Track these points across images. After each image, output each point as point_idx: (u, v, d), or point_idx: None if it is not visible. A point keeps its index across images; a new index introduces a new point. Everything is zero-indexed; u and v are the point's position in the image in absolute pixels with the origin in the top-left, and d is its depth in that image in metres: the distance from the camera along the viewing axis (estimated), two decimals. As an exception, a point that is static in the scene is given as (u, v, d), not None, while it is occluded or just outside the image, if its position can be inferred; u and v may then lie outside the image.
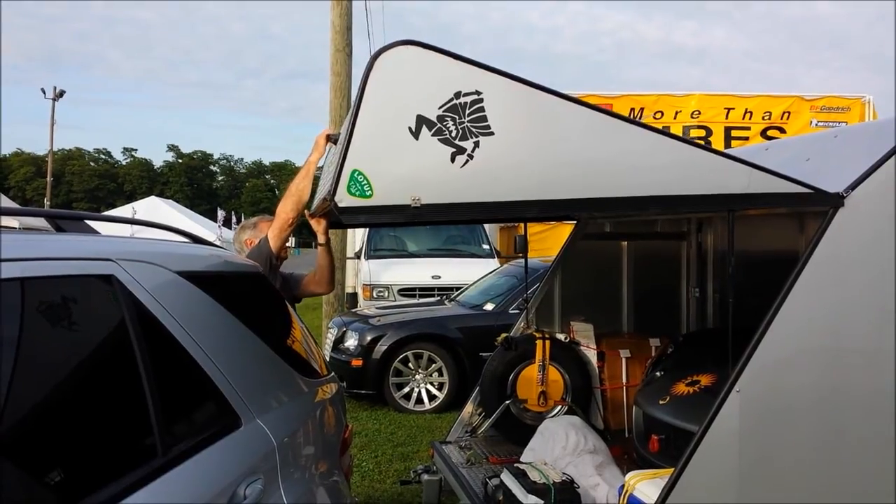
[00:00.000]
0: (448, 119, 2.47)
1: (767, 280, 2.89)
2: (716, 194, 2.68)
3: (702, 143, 8.91)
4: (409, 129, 2.46)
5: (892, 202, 2.76)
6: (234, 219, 43.12)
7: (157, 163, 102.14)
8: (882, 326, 2.78)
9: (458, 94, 2.48)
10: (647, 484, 2.92)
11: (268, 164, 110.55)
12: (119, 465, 1.84)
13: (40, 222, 2.44)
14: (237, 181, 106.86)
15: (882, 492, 2.78)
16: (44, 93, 44.10)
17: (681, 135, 11.80)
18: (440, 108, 2.47)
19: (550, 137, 2.57)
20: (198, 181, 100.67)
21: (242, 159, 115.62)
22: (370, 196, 2.46)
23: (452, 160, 2.49)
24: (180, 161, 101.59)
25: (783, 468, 2.74)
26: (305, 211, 3.57)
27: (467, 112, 2.48)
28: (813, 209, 2.84)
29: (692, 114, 11.80)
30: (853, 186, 2.76)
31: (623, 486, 3.04)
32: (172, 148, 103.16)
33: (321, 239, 3.78)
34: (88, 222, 2.34)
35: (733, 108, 11.86)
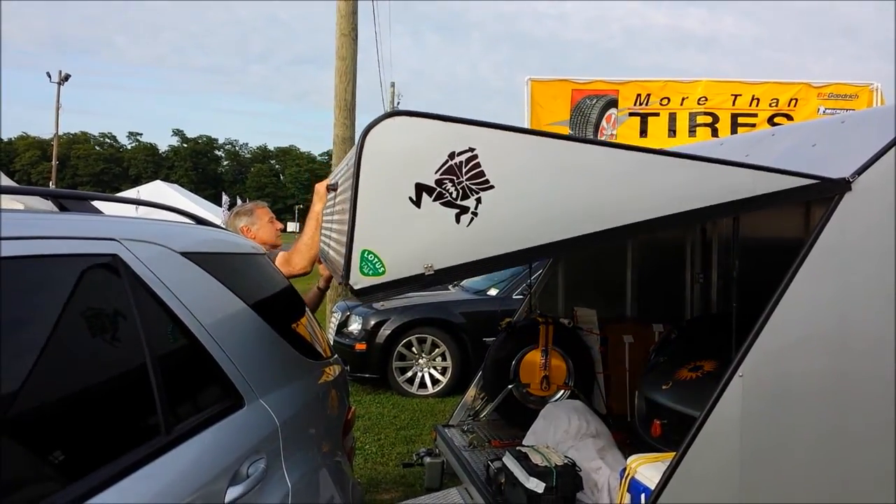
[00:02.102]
0: (446, 181, 2.47)
1: (772, 265, 2.88)
2: (723, 203, 2.66)
3: (704, 155, 8.85)
4: (410, 198, 2.46)
5: (898, 186, 2.74)
6: (238, 203, 43.25)
7: (163, 147, 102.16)
8: (888, 313, 2.77)
9: (452, 155, 2.47)
10: (648, 467, 2.92)
11: (273, 149, 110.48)
12: (122, 443, 1.85)
13: (46, 206, 2.44)
14: (242, 166, 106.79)
15: (886, 479, 2.78)
16: (49, 76, 44.16)
17: (687, 122, 11.78)
18: (437, 171, 2.47)
19: (551, 178, 2.57)
20: (203, 166, 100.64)
21: (247, 144, 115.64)
22: (383, 273, 2.47)
23: (458, 221, 2.49)
24: (185, 145, 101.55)
25: (786, 454, 2.74)
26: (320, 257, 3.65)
27: (464, 171, 2.48)
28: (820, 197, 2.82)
29: (699, 100, 11.74)
30: (860, 171, 2.74)
31: (625, 470, 3.04)
32: (177, 132, 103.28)
33: (322, 284, 3.91)
34: (93, 203, 2.34)
35: (740, 95, 11.79)
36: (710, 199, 2.66)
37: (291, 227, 56.98)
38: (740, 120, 11.53)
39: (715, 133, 11.29)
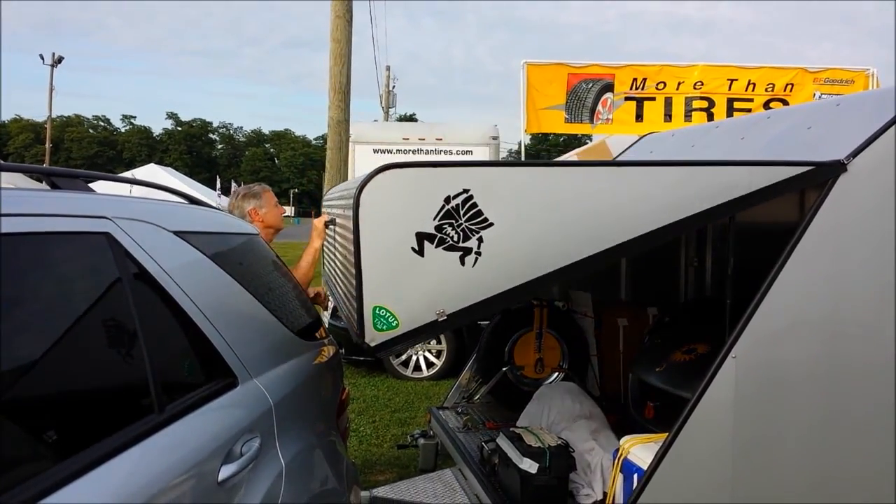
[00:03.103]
0: (446, 226, 2.48)
1: (767, 248, 2.88)
2: (723, 203, 2.68)
3: (700, 158, 8.81)
4: (413, 248, 2.48)
5: (893, 169, 2.74)
6: (233, 187, 43.08)
7: (157, 130, 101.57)
8: (883, 296, 2.77)
9: (447, 199, 2.48)
10: (641, 448, 2.94)
11: (267, 132, 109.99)
12: (114, 422, 1.85)
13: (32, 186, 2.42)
14: (236, 150, 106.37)
15: (878, 463, 2.80)
16: (42, 59, 43.73)
17: (683, 106, 11.76)
18: (435, 218, 2.48)
19: (548, 206, 2.58)
20: (197, 149, 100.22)
21: (242, 128, 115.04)
22: (397, 326, 2.50)
23: (462, 263, 2.50)
24: (179, 129, 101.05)
25: (778, 436, 2.75)
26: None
27: (462, 212, 2.49)
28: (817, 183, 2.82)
29: (695, 84, 11.72)
30: (855, 153, 2.74)
31: (618, 450, 3.06)
32: (171, 115, 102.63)
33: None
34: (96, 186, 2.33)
35: (736, 80, 11.77)
36: (709, 202, 2.67)
37: (287, 211, 56.82)
38: (736, 105, 11.53)
39: (711, 117, 11.28)
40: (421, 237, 2.47)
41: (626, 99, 11.90)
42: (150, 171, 33.07)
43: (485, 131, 11.79)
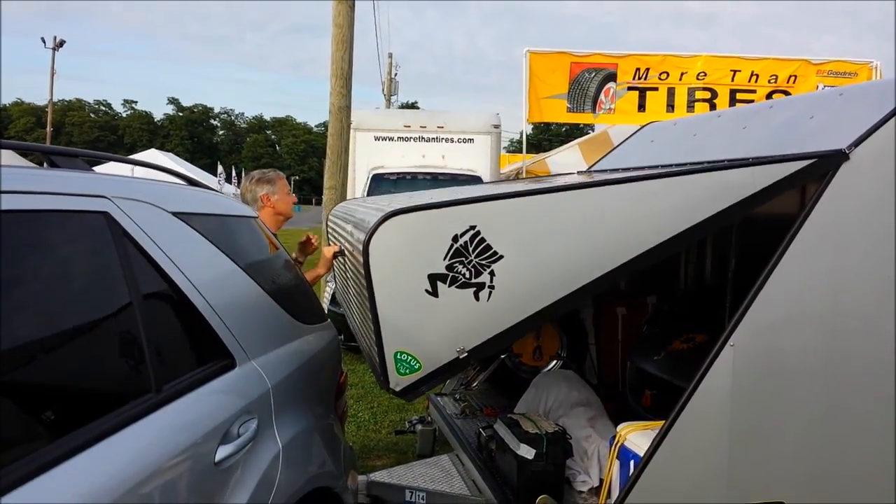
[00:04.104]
0: (457, 264, 2.49)
1: (768, 237, 2.87)
2: (730, 206, 2.68)
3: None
4: (427, 291, 2.49)
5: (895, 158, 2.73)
6: (234, 173, 43.01)
7: (158, 116, 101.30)
8: (884, 287, 2.76)
9: (455, 238, 2.49)
10: (638, 435, 2.94)
11: (269, 119, 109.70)
12: (111, 401, 1.85)
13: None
14: (238, 136, 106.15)
15: (875, 457, 2.79)
16: (44, 42, 43.60)
17: (686, 97, 11.72)
18: (445, 258, 2.49)
19: (556, 231, 2.58)
20: (198, 135, 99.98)
21: (243, 114, 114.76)
22: (420, 368, 2.53)
23: (477, 298, 2.52)
24: (181, 114, 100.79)
25: (775, 426, 2.75)
26: None
27: (471, 249, 2.50)
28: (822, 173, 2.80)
29: (698, 75, 11.68)
30: (857, 143, 2.73)
31: (615, 437, 3.06)
32: (173, 101, 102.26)
33: (322, 270, 4.01)
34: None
35: (739, 71, 11.73)
36: (719, 204, 2.67)
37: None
38: (739, 96, 11.48)
39: (713, 108, 11.24)
40: (433, 278, 2.49)
41: (629, 89, 11.86)
42: (151, 157, 32.95)
43: (486, 119, 11.75)
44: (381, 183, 11.22)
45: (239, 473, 2.13)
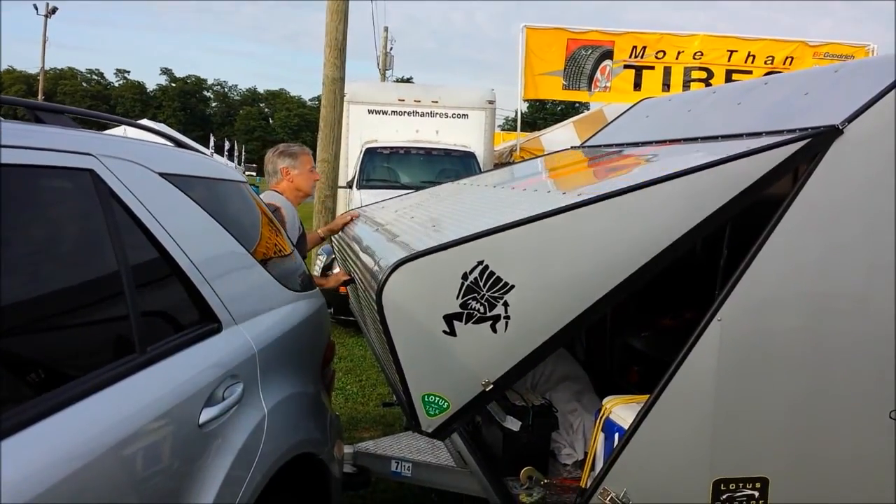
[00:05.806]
0: (470, 301, 2.51)
1: (759, 213, 2.86)
2: (731, 199, 2.67)
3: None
4: (444, 331, 2.51)
5: (891, 135, 2.71)
6: (226, 146, 42.72)
7: (150, 86, 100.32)
8: (878, 263, 2.75)
9: (465, 276, 2.51)
10: (623, 408, 2.95)
11: (262, 91, 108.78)
12: (93, 360, 1.84)
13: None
14: (231, 108, 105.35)
15: (860, 437, 2.80)
16: (36, 9, 42.94)
17: (682, 76, 11.68)
18: (458, 297, 2.50)
19: (564, 252, 2.59)
20: (191, 106, 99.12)
21: (237, 86, 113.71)
22: (448, 407, 2.58)
23: (494, 330, 2.54)
24: (174, 85, 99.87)
25: (760, 402, 2.75)
26: None
27: (482, 284, 2.51)
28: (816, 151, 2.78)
29: (694, 55, 11.65)
30: (851, 118, 2.71)
31: (600, 410, 3.07)
32: (166, 71, 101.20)
33: (322, 233, 4.36)
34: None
35: (736, 51, 11.71)
36: (722, 199, 2.66)
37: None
38: (735, 76, 11.47)
39: (709, 88, 11.21)
40: (449, 318, 2.52)
41: (625, 67, 11.82)
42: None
43: (481, 95, 11.69)
44: (374, 157, 11.18)
45: (223, 436, 2.13)
